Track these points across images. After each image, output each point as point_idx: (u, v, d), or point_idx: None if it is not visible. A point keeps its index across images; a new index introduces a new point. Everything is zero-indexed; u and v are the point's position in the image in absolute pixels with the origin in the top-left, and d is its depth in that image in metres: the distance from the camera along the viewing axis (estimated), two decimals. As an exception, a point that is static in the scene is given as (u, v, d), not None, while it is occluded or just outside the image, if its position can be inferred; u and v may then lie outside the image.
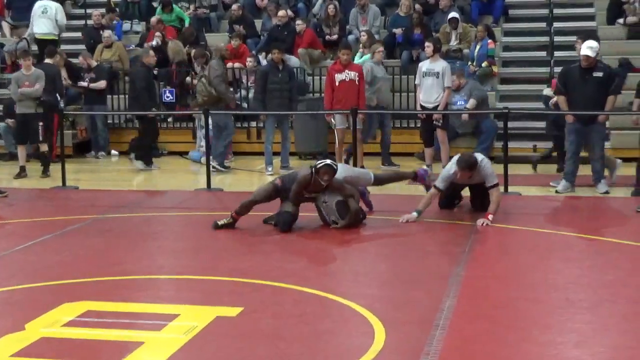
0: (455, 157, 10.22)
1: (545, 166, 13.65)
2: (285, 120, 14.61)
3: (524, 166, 13.78)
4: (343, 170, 10.18)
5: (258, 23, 19.13)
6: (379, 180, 10.91)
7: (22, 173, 14.19)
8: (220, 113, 14.18)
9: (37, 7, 18.23)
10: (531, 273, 8.00)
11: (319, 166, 9.41)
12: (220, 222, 9.69)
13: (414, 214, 10.12)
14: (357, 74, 13.58)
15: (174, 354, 5.79)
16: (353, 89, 13.51)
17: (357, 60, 15.31)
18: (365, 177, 10.63)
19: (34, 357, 5.80)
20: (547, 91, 13.70)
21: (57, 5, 18.43)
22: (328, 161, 9.52)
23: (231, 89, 15.63)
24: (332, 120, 13.72)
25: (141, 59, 15.14)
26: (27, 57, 14.67)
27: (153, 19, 18.59)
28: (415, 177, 10.96)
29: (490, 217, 9.83)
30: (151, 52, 15.30)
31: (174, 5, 19.32)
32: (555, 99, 12.42)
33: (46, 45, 17.31)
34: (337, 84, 13.52)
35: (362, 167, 13.29)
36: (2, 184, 12.59)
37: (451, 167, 10.13)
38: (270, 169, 13.98)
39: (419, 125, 14.60)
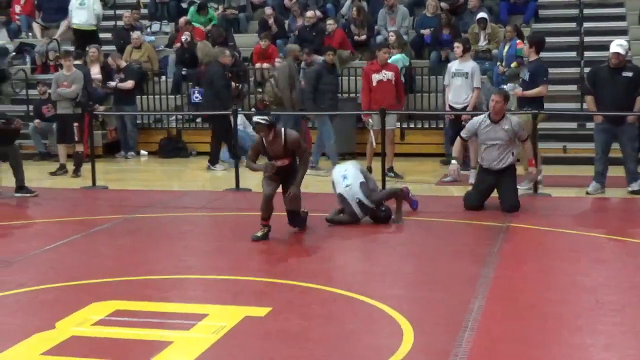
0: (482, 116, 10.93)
1: (576, 167, 13.57)
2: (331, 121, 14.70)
3: (553, 167, 13.69)
4: (357, 173, 10.20)
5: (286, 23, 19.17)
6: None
7: (59, 171, 14.43)
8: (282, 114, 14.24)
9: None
10: (560, 274, 7.95)
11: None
12: (258, 234, 9.29)
13: (454, 161, 10.89)
14: (393, 73, 13.54)
15: (203, 354, 5.82)
16: (390, 89, 13.47)
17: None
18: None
19: (64, 356, 5.84)
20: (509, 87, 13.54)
21: None
22: (255, 119, 9.46)
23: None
24: (370, 120, 13.68)
25: (218, 58, 15.16)
26: (68, 57, 14.75)
27: (181, 20, 18.68)
28: (402, 195, 10.64)
29: (531, 169, 10.94)
30: (227, 52, 15.41)
31: (209, 8, 19.40)
32: (516, 90, 12.64)
33: (84, 36, 17.54)
34: (374, 84, 13.48)
35: (391, 168, 13.28)
36: (32, 184, 12.68)
37: (478, 117, 10.89)
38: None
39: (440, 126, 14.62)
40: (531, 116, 11.87)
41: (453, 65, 13.51)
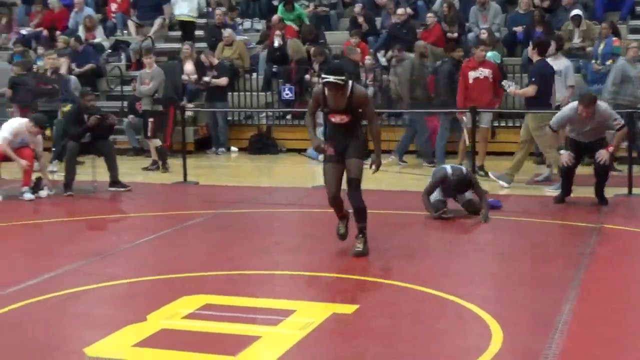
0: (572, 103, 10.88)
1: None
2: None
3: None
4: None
5: (377, 21, 19.13)
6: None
7: (152, 166, 14.76)
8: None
9: None
10: (655, 278, 7.79)
11: (324, 81, 8.20)
12: (341, 231, 8.82)
13: (562, 151, 10.70)
14: (490, 71, 13.39)
15: (290, 349, 5.85)
16: (486, 87, 13.34)
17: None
18: None
19: (155, 348, 5.94)
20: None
21: None
22: (331, 79, 8.07)
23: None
24: (464, 118, 13.57)
25: (348, 55, 15.16)
26: (149, 55, 15.07)
27: (275, 18, 18.79)
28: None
29: (610, 149, 10.44)
30: (358, 50, 15.42)
31: (295, 4, 19.48)
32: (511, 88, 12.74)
33: (186, 27, 17.82)
34: (470, 81, 13.36)
35: (482, 166, 13.15)
36: (125, 179, 12.92)
37: (567, 108, 10.74)
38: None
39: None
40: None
41: (545, 63, 13.29)
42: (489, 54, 14.85)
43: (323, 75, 8.20)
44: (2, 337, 6.28)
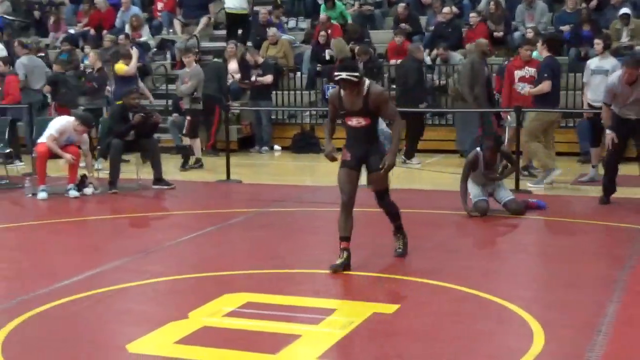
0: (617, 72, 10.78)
1: None
2: None
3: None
4: None
5: (422, 20, 19.08)
6: None
7: (195, 164, 14.86)
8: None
9: None
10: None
11: (337, 78, 7.69)
12: (337, 263, 7.91)
13: (609, 130, 10.63)
14: (536, 70, 13.22)
15: (330, 348, 5.86)
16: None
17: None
18: None
19: (196, 345, 5.97)
20: None
21: None
22: (344, 75, 7.61)
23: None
24: (508, 117, 13.46)
25: (412, 53, 15.18)
26: (188, 54, 15.20)
27: (322, 17, 18.79)
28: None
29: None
30: (421, 47, 15.42)
31: (336, 2, 19.47)
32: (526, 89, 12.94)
33: (237, 20, 17.92)
34: (516, 80, 13.26)
35: (526, 166, 13.05)
36: (169, 177, 13.02)
37: (612, 77, 10.71)
38: None
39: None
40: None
41: (592, 63, 13.13)
42: (534, 53, 14.70)
43: (336, 73, 7.73)
44: (49, 332, 6.38)
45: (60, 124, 12.07)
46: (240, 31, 18.95)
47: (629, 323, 6.36)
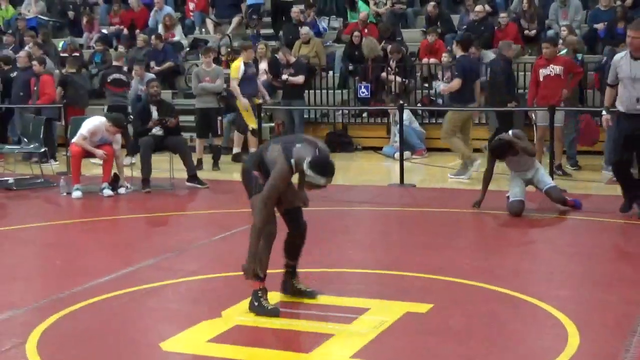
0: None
1: None
2: None
3: None
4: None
5: (455, 18, 19.02)
6: None
7: (198, 165, 14.57)
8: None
9: None
10: None
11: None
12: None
13: (604, 112, 10.24)
14: (562, 68, 13.09)
15: (363, 348, 5.84)
16: (558, 84, 13.09)
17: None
18: None
19: (229, 344, 5.99)
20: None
21: None
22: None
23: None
24: (534, 116, 13.38)
25: (502, 51, 15.11)
26: (208, 53, 15.28)
27: (363, 14, 18.74)
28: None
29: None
30: (513, 45, 15.36)
31: (361, 2, 19.45)
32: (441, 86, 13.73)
33: (280, 7, 18.30)
34: (541, 79, 13.15)
35: (560, 165, 12.98)
36: (204, 176, 13.07)
37: (616, 56, 10.30)
38: None
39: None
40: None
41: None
42: (563, 51, 14.51)
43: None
44: (83, 330, 6.42)
45: (92, 124, 12.15)
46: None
47: (665, 324, 6.29)
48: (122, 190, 12.30)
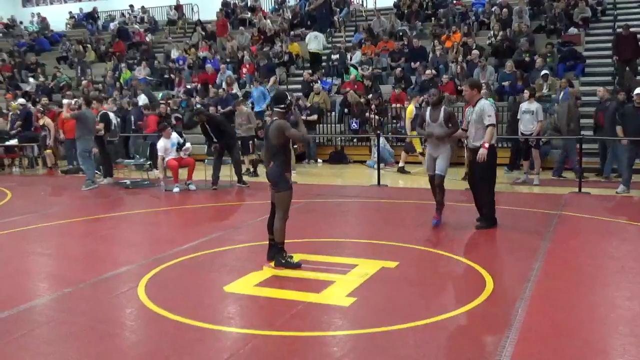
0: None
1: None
2: None
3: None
4: None
5: (413, 78, 18.87)
6: None
7: (245, 172, 14.43)
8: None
9: None
10: (596, 247, 7.50)
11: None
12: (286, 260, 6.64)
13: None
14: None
15: (355, 289, 5.86)
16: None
17: None
18: None
19: (268, 287, 6.01)
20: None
21: None
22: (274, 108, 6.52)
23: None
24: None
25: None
26: (240, 103, 14.73)
27: (352, 77, 18.66)
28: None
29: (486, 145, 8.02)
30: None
31: (351, 69, 19.29)
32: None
33: (315, 58, 19.13)
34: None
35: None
36: (246, 178, 13.03)
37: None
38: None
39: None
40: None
41: (523, 105, 12.86)
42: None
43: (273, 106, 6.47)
44: (172, 280, 6.43)
45: (160, 145, 12.33)
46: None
47: (549, 276, 6.20)
48: (192, 187, 12.34)
